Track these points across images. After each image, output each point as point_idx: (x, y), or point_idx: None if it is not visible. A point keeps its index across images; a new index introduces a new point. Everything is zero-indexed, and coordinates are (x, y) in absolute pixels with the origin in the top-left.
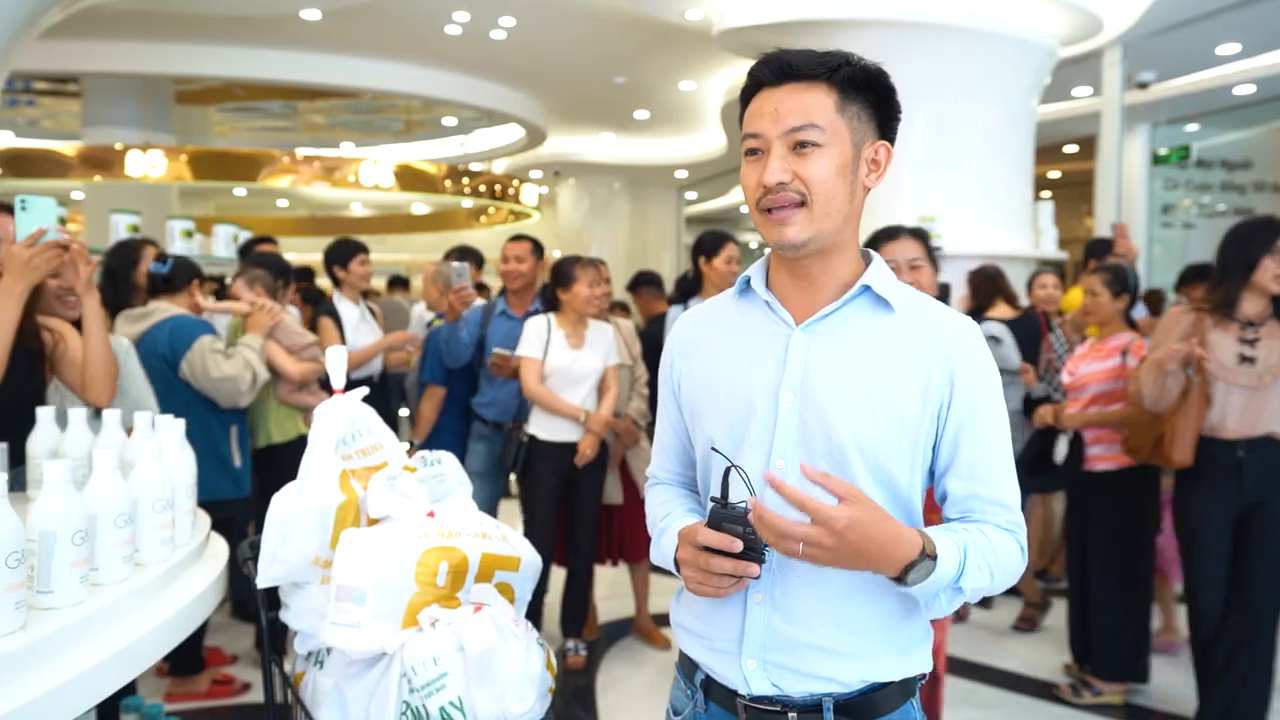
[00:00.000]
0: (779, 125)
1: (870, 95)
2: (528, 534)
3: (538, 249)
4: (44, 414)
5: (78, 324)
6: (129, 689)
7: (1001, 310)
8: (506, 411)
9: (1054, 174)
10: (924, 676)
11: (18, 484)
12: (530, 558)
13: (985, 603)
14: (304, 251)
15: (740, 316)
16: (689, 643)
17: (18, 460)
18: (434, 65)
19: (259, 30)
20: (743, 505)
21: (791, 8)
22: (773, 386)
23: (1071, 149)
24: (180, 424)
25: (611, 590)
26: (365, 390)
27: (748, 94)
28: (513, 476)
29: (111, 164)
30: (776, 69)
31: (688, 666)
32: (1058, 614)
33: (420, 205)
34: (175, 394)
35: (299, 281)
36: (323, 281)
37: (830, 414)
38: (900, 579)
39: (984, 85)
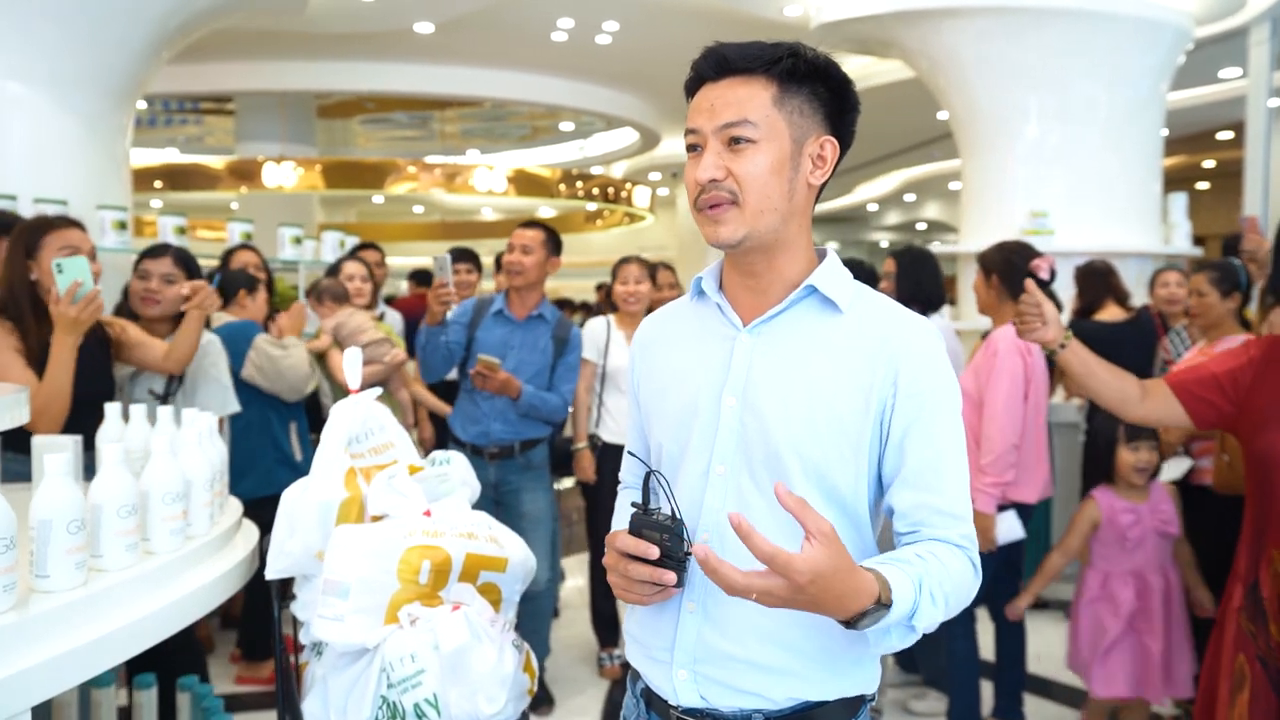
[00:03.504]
0: (714, 121)
1: (817, 88)
2: (591, 538)
3: (552, 242)
4: (111, 409)
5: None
6: (191, 669)
7: (1112, 311)
8: (487, 434)
9: (1208, 163)
10: (873, 698)
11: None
12: (521, 559)
13: None
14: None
15: (695, 318)
16: (632, 650)
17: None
18: (544, 72)
19: (379, 45)
20: (655, 510)
21: None
22: (716, 390)
23: (1225, 135)
24: (207, 418)
25: None
26: (379, 390)
27: (690, 89)
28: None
29: (254, 176)
30: (714, 63)
31: (634, 674)
32: None
33: (546, 209)
34: (240, 390)
35: (419, 285)
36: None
37: (769, 419)
38: (848, 624)
39: (1104, 70)
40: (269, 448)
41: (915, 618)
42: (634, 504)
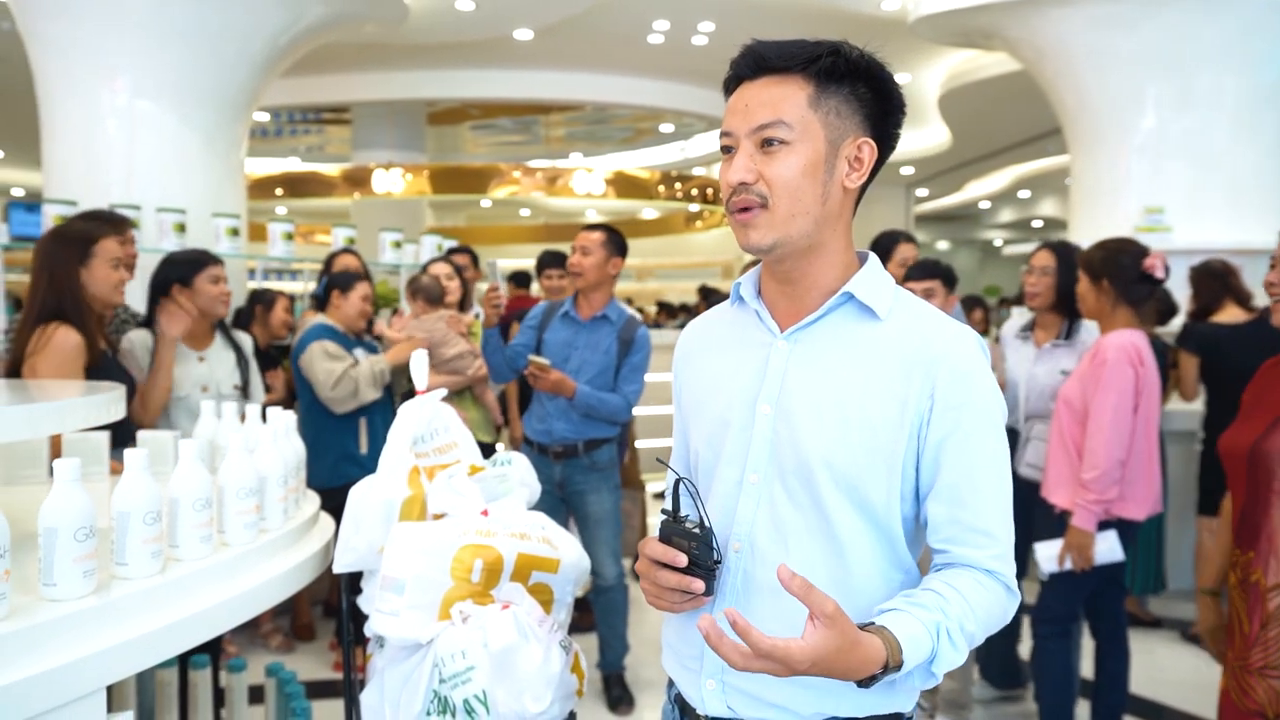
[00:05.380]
0: (747, 123)
1: (858, 88)
2: None
3: (614, 241)
4: (206, 406)
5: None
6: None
7: (1231, 313)
8: (550, 433)
9: None
10: (910, 716)
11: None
12: (573, 560)
13: None
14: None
15: (734, 325)
16: (666, 656)
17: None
18: (641, 74)
19: (481, 53)
20: (685, 518)
21: None
22: (751, 398)
23: None
24: (288, 416)
25: None
26: (445, 391)
27: (728, 88)
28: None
29: (366, 183)
30: (751, 62)
31: (670, 680)
32: None
33: (648, 210)
34: (307, 389)
35: (519, 287)
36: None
37: (801, 429)
38: (860, 684)
39: (1229, 55)
40: (334, 443)
41: (935, 664)
42: (664, 511)
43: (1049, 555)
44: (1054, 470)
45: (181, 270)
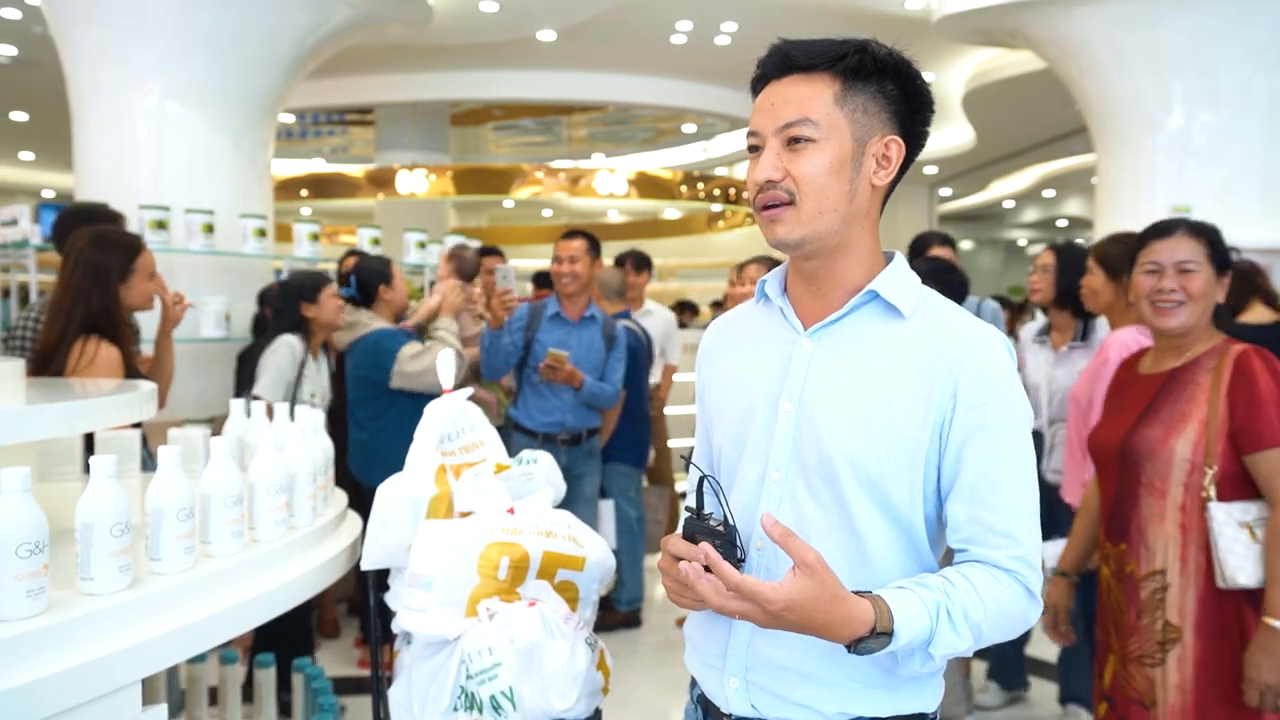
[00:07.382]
0: (774, 121)
1: (885, 85)
2: None
3: (594, 248)
4: (235, 405)
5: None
6: (305, 651)
7: (1259, 313)
8: (562, 424)
9: None
10: (934, 716)
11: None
12: (599, 558)
13: None
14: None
15: (759, 323)
16: (689, 655)
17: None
18: (664, 75)
19: (504, 54)
20: (708, 515)
21: None
22: (774, 395)
23: None
24: (317, 414)
25: None
26: (471, 390)
27: (755, 88)
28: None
29: (390, 183)
30: (778, 61)
31: (693, 679)
32: None
33: (670, 210)
34: (376, 399)
35: (541, 287)
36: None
37: (824, 426)
38: (850, 648)
39: (1261, 51)
40: (400, 446)
41: (933, 645)
42: (687, 508)
43: (1056, 554)
44: (1069, 469)
45: (307, 292)
